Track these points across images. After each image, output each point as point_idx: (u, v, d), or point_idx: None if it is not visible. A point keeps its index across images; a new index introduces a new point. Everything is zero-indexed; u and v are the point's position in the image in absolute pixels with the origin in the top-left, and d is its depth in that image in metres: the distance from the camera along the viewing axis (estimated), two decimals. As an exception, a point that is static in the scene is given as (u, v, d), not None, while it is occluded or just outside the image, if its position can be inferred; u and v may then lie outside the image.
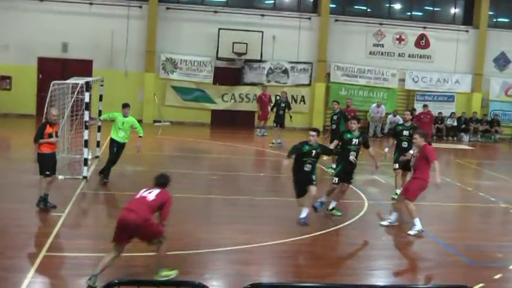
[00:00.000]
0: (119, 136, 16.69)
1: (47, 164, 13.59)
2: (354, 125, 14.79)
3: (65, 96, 18.59)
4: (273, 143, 26.35)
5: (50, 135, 13.50)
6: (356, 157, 14.61)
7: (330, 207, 14.63)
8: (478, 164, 25.62)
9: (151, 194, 9.63)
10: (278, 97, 29.23)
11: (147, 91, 31.95)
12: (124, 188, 17.12)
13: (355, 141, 14.54)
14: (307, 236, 12.80)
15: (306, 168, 13.28)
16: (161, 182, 10.03)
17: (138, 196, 9.68)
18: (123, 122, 16.72)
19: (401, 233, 14.26)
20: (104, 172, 16.94)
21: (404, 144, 16.85)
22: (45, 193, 13.54)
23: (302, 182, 13.32)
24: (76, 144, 18.98)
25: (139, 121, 30.88)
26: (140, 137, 17.00)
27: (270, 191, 17.77)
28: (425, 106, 30.28)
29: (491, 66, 35.73)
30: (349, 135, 14.67)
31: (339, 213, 14.60)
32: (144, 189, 9.81)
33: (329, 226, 13.65)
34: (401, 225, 15.10)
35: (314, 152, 13.41)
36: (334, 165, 20.53)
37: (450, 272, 11.18)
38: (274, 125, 27.13)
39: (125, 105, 16.96)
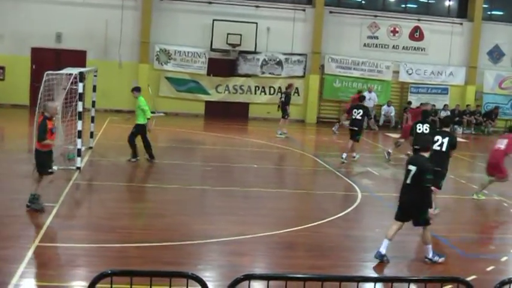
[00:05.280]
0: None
1: (49, 162, 13.05)
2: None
3: (58, 87, 18.51)
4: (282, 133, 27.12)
5: (52, 131, 13.08)
6: None
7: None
8: (471, 156, 25.63)
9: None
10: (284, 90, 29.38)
11: (141, 82, 31.86)
12: (118, 178, 17.12)
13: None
14: (301, 227, 12.81)
15: None
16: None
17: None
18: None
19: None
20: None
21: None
22: (38, 193, 12.86)
23: None
24: (69, 135, 18.91)
25: (133, 111, 31.04)
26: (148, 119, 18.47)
27: (264, 182, 17.75)
28: None
29: (485, 59, 35.76)
30: None
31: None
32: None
33: (323, 218, 13.64)
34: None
35: None
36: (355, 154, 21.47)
37: (443, 264, 11.18)
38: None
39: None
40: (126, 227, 12.27)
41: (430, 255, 11.00)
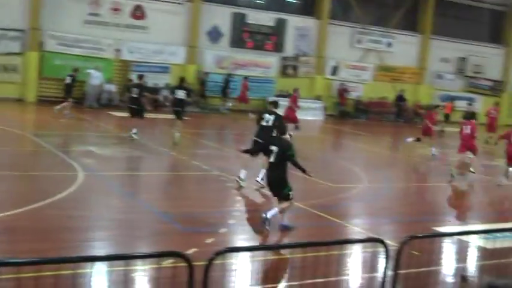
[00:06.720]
0: None
1: None
2: None
3: None
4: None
5: None
6: None
7: None
8: (192, 133, 26.43)
9: None
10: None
11: None
12: None
13: None
14: (20, 210, 12.28)
15: None
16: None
17: None
18: None
19: (114, 202, 14.29)
20: None
21: None
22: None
23: None
24: None
25: None
26: None
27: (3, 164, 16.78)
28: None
29: (205, 39, 37.00)
30: None
31: None
32: None
33: (43, 199, 13.21)
34: (114, 196, 15.16)
35: None
36: None
37: (164, 240, 11.45)
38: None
39: None
40: None
41: (286, 223, 12.29)
